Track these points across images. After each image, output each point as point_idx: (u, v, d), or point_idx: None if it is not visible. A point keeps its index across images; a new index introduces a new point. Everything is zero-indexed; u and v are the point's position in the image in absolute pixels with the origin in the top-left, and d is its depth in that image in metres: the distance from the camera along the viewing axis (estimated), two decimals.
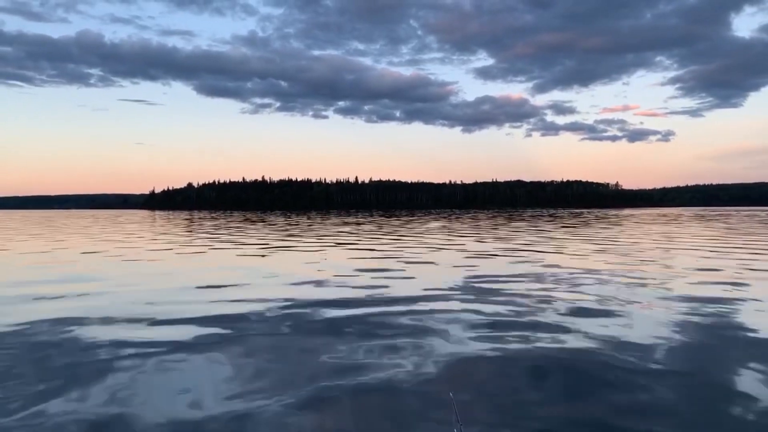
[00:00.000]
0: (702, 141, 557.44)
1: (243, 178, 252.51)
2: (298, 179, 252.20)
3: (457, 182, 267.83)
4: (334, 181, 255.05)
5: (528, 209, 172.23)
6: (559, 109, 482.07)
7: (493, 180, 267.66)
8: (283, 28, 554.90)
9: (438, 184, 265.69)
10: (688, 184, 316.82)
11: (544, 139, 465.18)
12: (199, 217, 77.61)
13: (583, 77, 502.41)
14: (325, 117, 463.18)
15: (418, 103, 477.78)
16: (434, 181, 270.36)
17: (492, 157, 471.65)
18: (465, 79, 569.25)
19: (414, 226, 43.04)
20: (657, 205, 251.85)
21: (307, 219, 64.73)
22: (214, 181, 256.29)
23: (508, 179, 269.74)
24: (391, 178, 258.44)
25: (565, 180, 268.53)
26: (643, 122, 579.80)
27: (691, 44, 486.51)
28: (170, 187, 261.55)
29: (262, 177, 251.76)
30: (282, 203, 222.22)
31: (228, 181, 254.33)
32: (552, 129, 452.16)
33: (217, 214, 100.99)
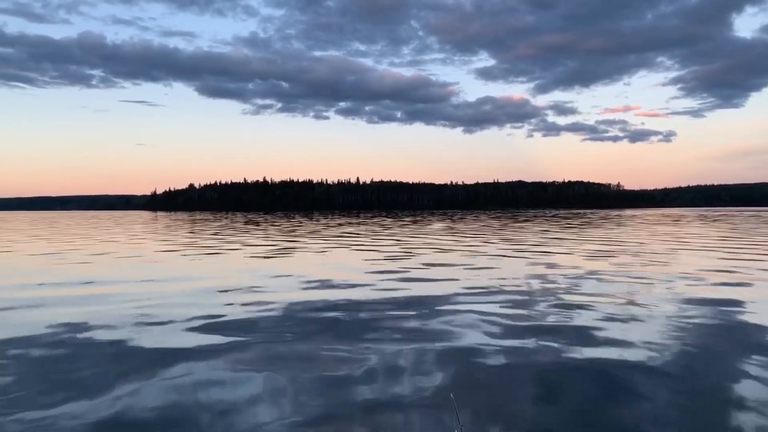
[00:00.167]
0: (704, 141, 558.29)
1: (244, 179, 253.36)
2: (300, 180, 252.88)
3: (459, 183, 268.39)
4: (336, 181, 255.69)
5: (529, 210, 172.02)
6: (561, 110, 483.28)
7: (495, 181, 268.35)
8: (285, 29, 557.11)
9: (439, 185, 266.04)
10: (689, 185, 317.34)
11: (546, 140, 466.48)
12: (201, 218, 77.59)
13: (584, 78, 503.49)
14: (327, 118, 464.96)
15: (420, 103, 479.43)
16: (435, 182, 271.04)
17: (493, 157, 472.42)
18: (466, 79, 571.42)
19: (419, 226, 43.04)
20: (659, 205, 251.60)
21: (313, 220, 64.72)
22: (216, 182, 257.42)
23: (509, 180, 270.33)
24: (392, 179, 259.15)
25: (566, 181, 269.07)
26: (645, 123, 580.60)
27: (693, 45, 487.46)
28: (172, 188, 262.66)
29: (264, 178, 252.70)
30: (283, 204, 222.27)
31: (229, 182, 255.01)
32: (553, 129, 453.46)
33: (219, 215, 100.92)
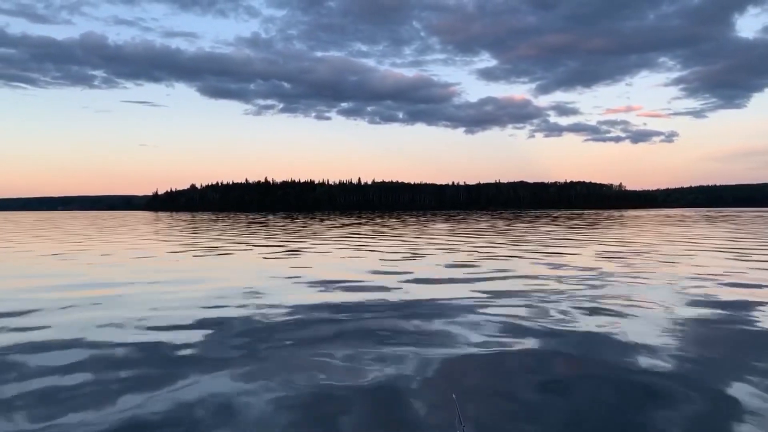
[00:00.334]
0: (706, 142, 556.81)
1: (246, 180, 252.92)
2: (301, 180, 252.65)
3: (461, 183, 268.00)
4: (337, 182, 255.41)
5: (531, 210, 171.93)
6: (562, 110, 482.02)
7: (497, 181, 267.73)
8: (286, 29, 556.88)
9: (441, 185, 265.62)
10: (692, 185, 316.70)
11: (548, 140, 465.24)
12: (203, 219, 77.62)
13: (586, 78, 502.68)
14: (328, 118, 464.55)
15: (421, 104, 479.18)
16: (437, 182, 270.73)
17: (495, 158, 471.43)
18: (468, 80, 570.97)
19: (422, 226, 43.10)
20: (661, 206, 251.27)
21: (316, 220, 64.72)
22: (217, 183, 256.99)
23: (511, 180, 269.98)
24: (394, 179, 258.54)
25: (568, 181, 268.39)
26: (647, 123, 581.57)
27: (695, 45, 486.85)
28: (173, 189, 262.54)
29: (265, 178, 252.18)
30: (285, 204, 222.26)
31: (231, 183, 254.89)
32: (555, 130, 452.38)
33: (221, 216, 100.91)
